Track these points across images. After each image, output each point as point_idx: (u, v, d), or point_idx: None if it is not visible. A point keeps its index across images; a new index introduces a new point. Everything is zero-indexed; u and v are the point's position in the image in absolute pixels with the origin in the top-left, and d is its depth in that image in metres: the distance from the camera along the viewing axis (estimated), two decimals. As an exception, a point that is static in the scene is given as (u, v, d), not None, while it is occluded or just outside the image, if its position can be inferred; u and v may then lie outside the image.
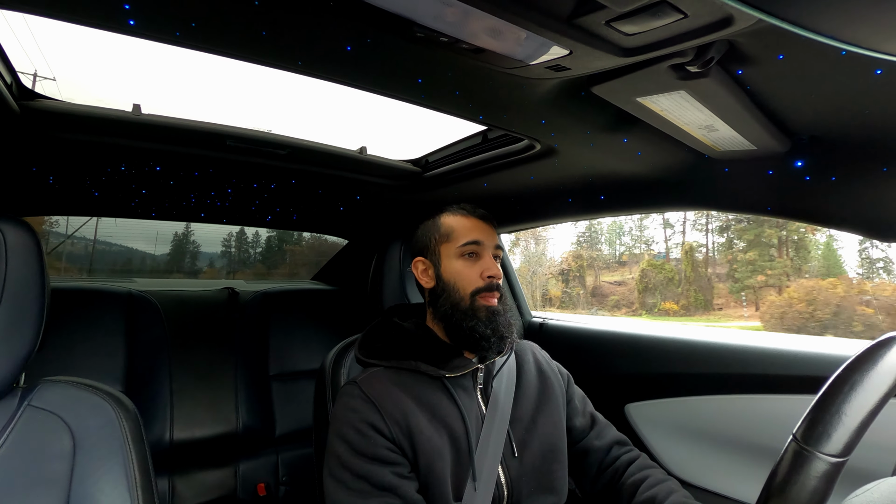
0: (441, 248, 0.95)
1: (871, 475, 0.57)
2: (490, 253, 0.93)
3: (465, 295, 0.90)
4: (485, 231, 0.94)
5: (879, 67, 0.59)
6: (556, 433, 0.95)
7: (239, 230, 5.94)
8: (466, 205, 0.98)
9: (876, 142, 0.79)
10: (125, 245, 3.32)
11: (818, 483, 0.40)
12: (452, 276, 0.92)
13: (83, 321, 1.61)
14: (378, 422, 0.82)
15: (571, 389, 1.06)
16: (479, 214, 0.96)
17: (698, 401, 1.31)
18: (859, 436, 0.40)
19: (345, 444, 0.82)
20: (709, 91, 0.69)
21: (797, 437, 0.42)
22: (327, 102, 45.19)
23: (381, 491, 0.79)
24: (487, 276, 0.90)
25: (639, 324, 1.70)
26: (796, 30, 0.45)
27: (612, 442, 1.02)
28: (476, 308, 0.89)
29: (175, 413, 1.68)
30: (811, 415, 0.42)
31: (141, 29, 0.62)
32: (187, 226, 3.83)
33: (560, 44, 0.60)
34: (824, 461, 0.40)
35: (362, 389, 0.86)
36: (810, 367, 1.11)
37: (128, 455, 0.70)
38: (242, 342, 1.91)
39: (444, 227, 0.96)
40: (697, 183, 1.11)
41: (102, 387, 0.76)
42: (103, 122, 1.04)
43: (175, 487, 1.60)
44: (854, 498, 0.52)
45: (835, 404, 0.41)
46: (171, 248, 3.89)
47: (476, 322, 0.88)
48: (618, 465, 0.98)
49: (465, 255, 0.92)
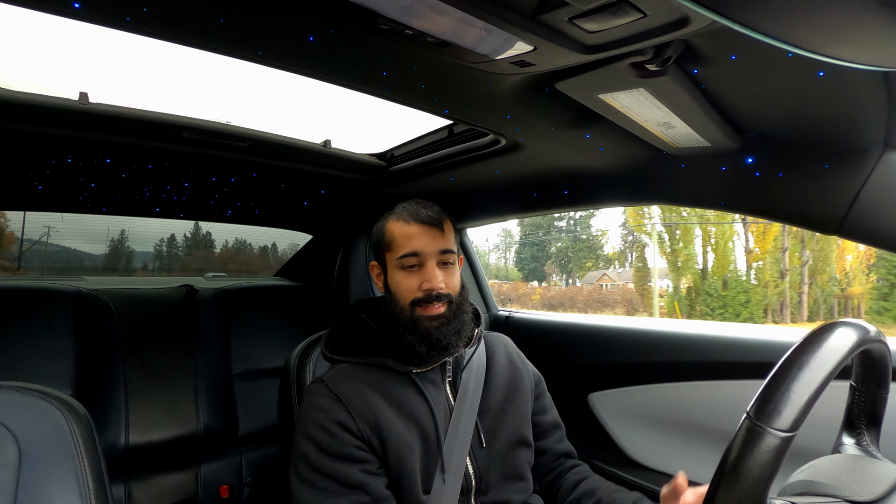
0: (386, 257, 0.92)
1: (814, 454, 0.62)
2: (433, 261, 0.88)
3: (405, 305, 0.88)
4: (426, 238, 0.88)
5: (822, 69, 0.63)
6: (523, 423, 0.97)
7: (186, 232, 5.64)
8: (412, 205, 0.93)
9: (818, 139, 0.84)
10: (63, 245, 3.14)
11: (769, 457, 0.43)
12: (394, 287, 0.90)
13: (28, 322, 1.52)
14: (346, 420, 0.81)
15: (541, 388, 1.07)
16: (422, 218, 0.90)
17: (657, 388, 1.36)
18: (806, 412, 0.44)
19: (312, 444, 0.81)
20: (666, 89, 0.72)
21: (750, 414, 0.45)
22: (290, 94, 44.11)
23: (349, 489, 0.78)
24: (426, 288, 0.86)
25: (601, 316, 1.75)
26: (747, 31, 0.48)
27: (567, 451, 1.06)
28: (415, 319, 0.87)
29: (130, 416, 1.61)
30: (763, 394, 0.46)
31: (86, 13, 0.59)
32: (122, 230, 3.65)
33: (524, 39, 0.61)
34: (775, 436, 0.43)
35: (329, 388, 0.85)
36: (758, 354, 1.17)
37: (79, 462, 0.67)
38: (202, 341, 1.85)
39: (387, 236, 0.92)
40: (656, 178, 1.15)
41: (50, 391, 0.72)
42: (47, 111, 0.98)
43: (132, 493, 1.54)
44: (799, 473, 0.55)
45: (784, 383, 0.45)
46: (107, 247, 3.70)
47: (412, 338, 0.86)
48: (561, 470, 1.03)
49: (405, 268, 0.89)
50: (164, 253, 5.14)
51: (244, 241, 4.75)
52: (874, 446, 0.62)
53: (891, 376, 0.61)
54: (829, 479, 0.52)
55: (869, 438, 0.62)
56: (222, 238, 5.79)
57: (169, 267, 5.22)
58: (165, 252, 5.20)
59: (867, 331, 0.51)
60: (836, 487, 0.51)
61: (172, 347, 1.79)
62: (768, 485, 0.43)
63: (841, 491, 0.51)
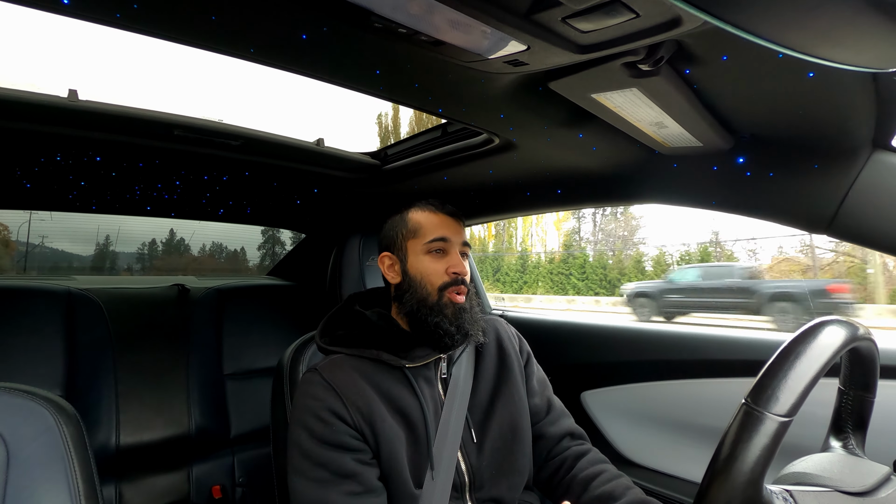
0: (408, 244, 0.94)
1: (803, 452, 0.63)
2: (457, 250, 0.93)
3: (433, 290, 0.90)
4: (452, 228, 0.94)
5: (812, 70, 0.64)
6: (516, 412, 0.96)
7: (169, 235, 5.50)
8: (434, 200, 0.98)
9: (808, 140, 0.85)
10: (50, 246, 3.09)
11: (767, 440, 0.44)
12: (419, 272, 0.92)
13: (17, 322, 1.51)
14: (340, 408, 0.81)
15: (531, 368, 1.05)
16: (447, 211, 0.96)
17: (649, 386, 1.37)
18: (803, 399, 0.45)
19: (306, 432, 0.81)
20: (659, 89, 0.72)
21: (748, 400, 0.46)
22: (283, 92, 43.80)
23: (342, 478, 0.78)
24: (453, 272, 0.91)
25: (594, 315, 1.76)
26: (738, 32, 0.48)
27: (565, 432, 1.02)
28: (443, 304, 0.89)
29: (121, 417, 1.60)
30: (761, 380, 0.47)
31: (76, 9, 0.58)
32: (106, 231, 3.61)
33: (518, 39, 0.61)
34: (773, 420, 0.44)
35: (323, 376, 0.85)
36: (750, 352, 1.18)
37: (69, 463, 0.66)
38: (194, 341, 1.83)
39: (412, 223, 0.95)
40: (648, 178, 1.16)
41: (39, 392, 0.71)
42: (35, 109, 0.97)
43: (123, 494, 1.52)
44: (792, 466, 0.56)
45: (782, 370, 0.46)
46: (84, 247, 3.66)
47: (442, 318, 0.88)
48: (566, 456, 0.98)
49: (432, 252, 0.92)
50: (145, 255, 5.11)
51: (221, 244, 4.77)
52: (860, 449, 0.63)
53: (878, 377, 0.62)
54: (821, 472, 0.53)
55: (855, 441, 0.63)
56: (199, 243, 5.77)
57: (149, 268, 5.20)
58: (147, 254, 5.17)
59: (856, 328, 0.52)
60: (829, 479, 0.52)
61: (164, 347, 1.78)
62: (765, 469, 0.44)
63: (834, 482, 0.52)
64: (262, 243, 3.67)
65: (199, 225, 2.07)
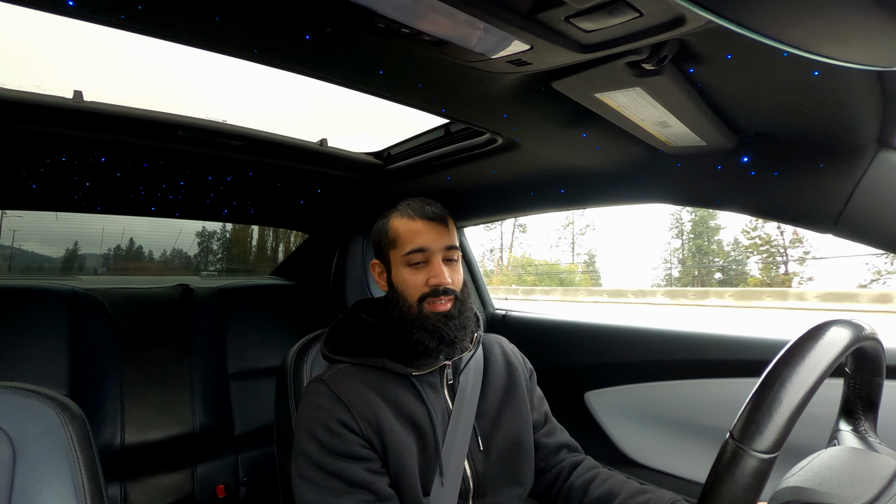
0: (390, 254, 0.91)
1: (809, 449, 0.62)
2: (439, 257, 0.88)
3: (413, 302, 0.87)
4: (432, 234, 0.88)
5: (817, 69, 0.63)
6: (521, 425, 0.96)
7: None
8: (416, 202, 0.93)
9: (813, 138, 0.84)
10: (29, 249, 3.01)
11: (751, 479, 0.43)
12: (400, 284, 0.89)
13: (23, 322, 1.52)
14: (348, 419, 0.81)
15: (532, 384, 1.06)
16: (427, 215, 0.90)
17: (653, 386, 1.37)
18: (787, 431, 0.44)
19: (315, 443, 0.80)
20: (662, 88, 0.72)
21: (734, 435, 0.45)
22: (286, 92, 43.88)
23: (354, 488, 0.78)
24: (433, 283, 0.86)
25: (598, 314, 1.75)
26: (743, 31, 0.48)
27: (562, 443, 1.02)
28: (424, 316, 0.86)
29: (126, 416, 1.61)
30: (745, 414, 0.45)
31: (81, 11, 0.58)
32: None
33: (521, 38, 0.61)
34: (756, 458, 0.43)
35: (329, 387, 0.84)
36: (753, 352, 1.18)
37: (74, 462, 0.67)
38: (198, 340, 1.84)
39: (391, 232, 0.91)
40: (652, 177, 1.15)
41: (45, 391, 0.71)
42: (41, 110, 0.97)
43: (128, 493, 1.53)
44: (790, 477, 0.55)
45: (766, 402, 0.45)
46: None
47: (422, 334, 0.85)
48: (563, 467, 0.98)
49: (411, 264, 0.88)
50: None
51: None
52: (872, 433, 0.61)
53: (885, 366, 0.61)
54: (818, 486, 0.52)
55: (867, 425, 0.62)
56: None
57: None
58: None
59: (861, 328, 0.51)
60: (827, 494, 0.51)
61: (168, 347, 1.79)
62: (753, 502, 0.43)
63: (831, 497, 0.51)
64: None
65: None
